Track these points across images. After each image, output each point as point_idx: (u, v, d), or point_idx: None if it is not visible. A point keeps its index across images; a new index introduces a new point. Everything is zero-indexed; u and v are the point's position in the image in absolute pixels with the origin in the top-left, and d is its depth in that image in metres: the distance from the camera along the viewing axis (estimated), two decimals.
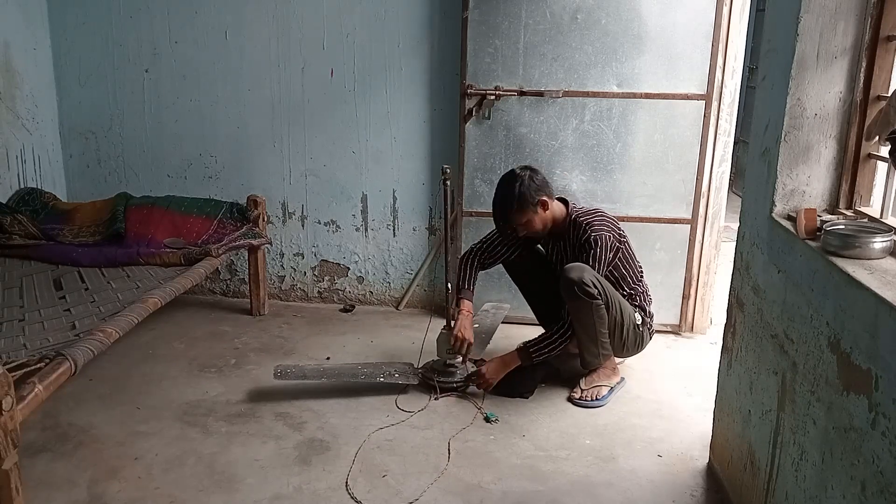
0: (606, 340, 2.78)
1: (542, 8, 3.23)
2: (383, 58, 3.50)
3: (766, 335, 1.91)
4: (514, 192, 2.72)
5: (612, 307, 2.72)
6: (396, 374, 2.82)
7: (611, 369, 2.88)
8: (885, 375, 1.28)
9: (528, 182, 2.72)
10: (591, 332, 2.72)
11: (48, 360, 2.05)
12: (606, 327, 2.74)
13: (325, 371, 2.88)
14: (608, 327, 2.74)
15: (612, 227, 2.79)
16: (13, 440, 1.80)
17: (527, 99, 3.33)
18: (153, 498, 2.18)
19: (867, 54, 1.77)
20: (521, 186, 2.72)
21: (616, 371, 2.90)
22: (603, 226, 2.76)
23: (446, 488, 2.25)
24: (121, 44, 3.64)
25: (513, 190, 2.72)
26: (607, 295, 2.70)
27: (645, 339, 2.91)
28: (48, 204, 3.49)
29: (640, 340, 2.89)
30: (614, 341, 2.80)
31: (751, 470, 1.98)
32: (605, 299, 2.69)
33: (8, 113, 3.45)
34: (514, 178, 2.74)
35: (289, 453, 2.42)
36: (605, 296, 2.69)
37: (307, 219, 3.76)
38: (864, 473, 1.35)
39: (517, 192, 2.71)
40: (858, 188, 1.86)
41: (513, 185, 2.73)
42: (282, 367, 2.83)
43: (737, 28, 3.17)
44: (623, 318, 2.78)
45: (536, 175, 2.76)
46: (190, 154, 3.74)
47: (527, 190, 2.71)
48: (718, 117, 3.26)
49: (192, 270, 3.07)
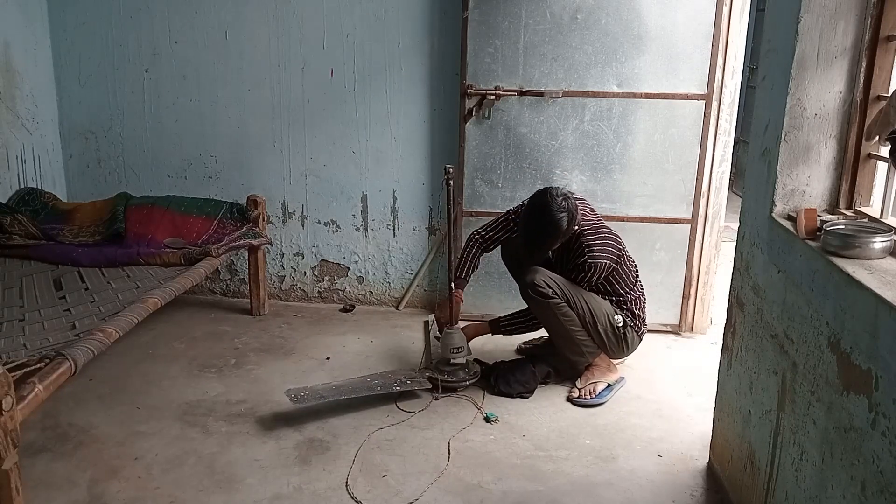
0: (585, 338, 2.80)
1: (542, 8, 3.23)
2: (383, 58, 3.50)
3: (766, 335, 1.91)
4: (562, 228, 2.62)
5: (577, 305, 2.74)
6: (409, 382, 2.81)
7: (606, 367, 2.89)
8: (885, 375, 1.28)
9: (574, 214, 2.65)
10: (562, 330, 2.76)
11: (48, 360, 2.05)
12: (579, 325, 2.76)
13: (340, 388, 2.74)
14: (580, 325, 2.76)
15: (612, 253, 2.75)
16: (13, 440, 1.80)
17: (527, 99, 3.33)
18: (153, 498, 2.18)
19: (867, 54, 1.77)
20: (572, 222, 2.64)
21: (613, 369, 2.91)
22: (602, 252, 2.72)
23: (446, 488, 2.25)
24: (121, 44, 3.64)
25: (559, 226, 2.61)
26: (566, 293, 2.72)
27: (632, 339, 2.91)
28: (48, 204, 3.49)
29: (626, 341, 2.89)
30: (593, 339, 2.82)
31: (751, 470, 1.98)
32: (565, 297, 2.72)
33: (8, 113, 3.45)
34: (560, 212, 2.61)
35: (289, 453, 2.43)
36: (565, 294, 2.72)
37: (307, 219, 3.76)
38: (864, 473, 1.35)
39: (565, 227, 2.63)
40: (858, 188, 1.86)
41: (560, 220, 2.61)
42: (294, 391, 2.67)
43: (737, 28, 3.17)
44: (595, 317, 2.78)
45: (577, 206, 2.68)
46: (190, 154, 3.74)
47: (571, 222, 2.65)
48: (718, 117, 3.26)
49: (192, 270, 3.07)
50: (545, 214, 2.62)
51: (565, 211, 2.62)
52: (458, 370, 2.86)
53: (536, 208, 2.66)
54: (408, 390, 2.79)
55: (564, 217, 2.62)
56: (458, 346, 2.85)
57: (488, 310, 3.50)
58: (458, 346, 2.85)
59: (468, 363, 2.91)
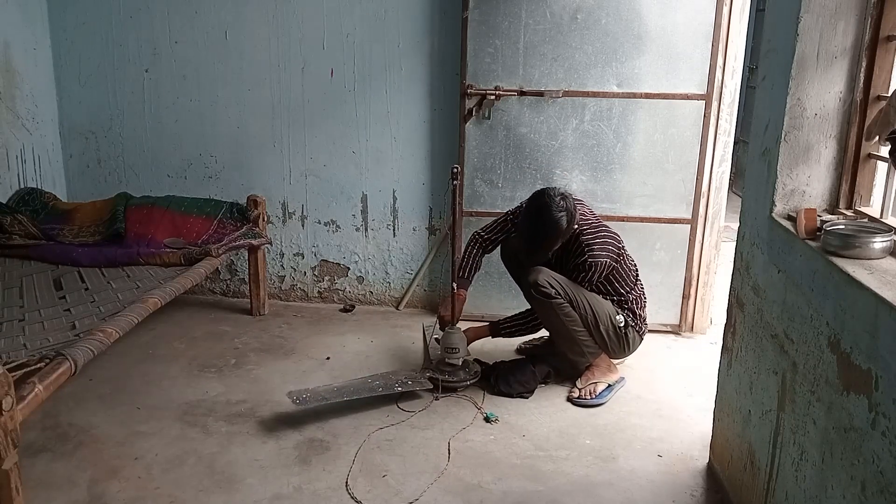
0: (586, 339, 2.81)
1: (542, 8, 3.23)
2: (383, 58, 3.50)
3: (766, 335, 1.91)
4: (562, 228, 2.63)
5: (579, 306, 2.75)
6: (410, 382, 2.81)
7: (606, 367, 2.89)
8: (885, 375, 1.28)
9: (573, 213, 2.65)
10: (564, 330, 2.77)
11: (48, 360, 2.05)
12: (581, 325, 2.77)
13: (342, 390, 2.73)
14: (582, 325, 2.77)
15: (611, 251, 2.75)
16: (13, 440, 1.80)
17: (527, 99, 3.33)
18: (153, 498, 2.18)
19: (867, 54, 1.77)
20: (571, 221, 2.65)
21: (613, 369, 2.91)
22: (602, 251, 2.72)
23: (446, 488, 2.25)
24: (121, 44, 3.64)
25: (559, 226, 2.62)
26: (569, 293, 2.73)
27: (633, 339, 2.91)
28: (48, 204, 3.49)
29: (628, 341, 2.89)
30: (595, 339, 2.82)
31: (751, 470, 1.98)
32: (568, 297, 2.72)
33: (8, 113, 3.45)
34: (559, 211, 2.61)
35: (289, 453, 2.43)
36: (567, 294, 2.72)
37: (307, 219, 3.76)
38: (864, 473, 1.35)
39: (565, 227, 2.64)
40: (858, 188, 1.86)
41: (559, 219, 2.61)
42: (296, 393, 2.66)
43: (737, 28, 3.17)
44: (598, 317, 2.79)
45: (575, 206, 2.69)
46: (190, 154, 3.74)
47: (570, 221, 2.65)
48: (718, 117, 3.26)
49: (192, 270, 3.07)
50: (544, 215, 2.62)
51: (564, 210, 2.62)
52: (459, 370, 2.86)
53: (535, 209, 2.65)
54: (408, 390, 2.79)
55: (564, 216, 2.62)
56: (454, 346, 2.85)
57: (488, 309, 3.50)
58: (454, 346, 2.85)
59: (468, 363, 2.91)
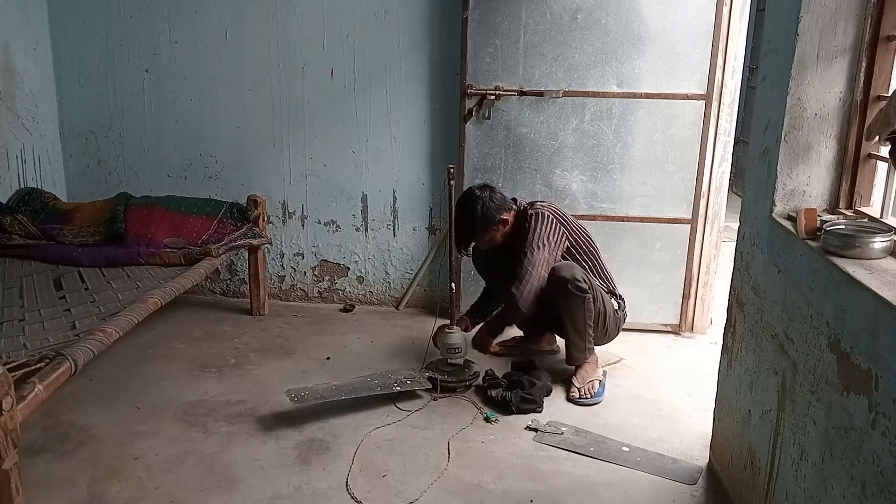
0: (592, 334, 2.86)
1: (542, 8, 3.22)
2: (383, 58, 3.50)
3: (766, 335, 1.91)
4: (476, 214, 2.81)
5: (598, 299, 2.83)
6: (409, 382, 2.81)
7: (594, 363, 2.92)
8: (885, 375, 1.28)
9: (489, 203, 2.81)
10: (581, 326, 2.81)
11: (48, 360, 2.05)
12: (593, 320, 2.83)
13: (340, 388, 2.73)
14: (594, 319, 2.83)
15: (552, 208, 2.90)
16: (13, 440, 1.80)
17: (527, 99, 3.33)
18: (153, 498, 2.18)
19: (867, 54, 1.77)
20: (483, 208, 2.81)
21: (598, 364, 2.95)
22: (542, 205, 2.89)
23: (446, 488, 2.25)
24: (121, 44, 3.64)
25: (474, 213, 2.81)
26: (594, 288, 2.81)
27: (620, 323, 3.01)
28: (48, 204, 3.49)
29: (618, 326, 2.98)
30: (598, 331, 2.88)
31: (751, 470, 1.98)
32: (594, 293, 2.80)
33: (8, 113, 3.45)
34: (474, 200, 2.81)
35: (289, 453, 2.43)
36: (593, 289, 2.80)
37: (307, 219, 3.76)
38: (864, 473, 1.35)
39: (479, 214, 2.81)
40: (858, 188, 1.86)
41: (474, 207, 2.81)
42: (294, 391, 2.66)
43: (737, 28, 3.17)
44: (605, 308, 2.88)
45: (495, 194, 2.85)
46: (190, 154, 3.74)
47: (488, 211, 2.81)
48: (718, 117, 3.26)
49: (192, 270, 3.07)
50: (467, 208, 2.82)
51: (478, 198, 2.81)
52: (459, 370, 2.86)
53: (460, 203, 2.87)
54: (408, 390, 2.79)
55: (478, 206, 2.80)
56: (456, 346, 2.85)
57: None
58: (456, 346, 2.85)
59: (468, 363, 2.91)
